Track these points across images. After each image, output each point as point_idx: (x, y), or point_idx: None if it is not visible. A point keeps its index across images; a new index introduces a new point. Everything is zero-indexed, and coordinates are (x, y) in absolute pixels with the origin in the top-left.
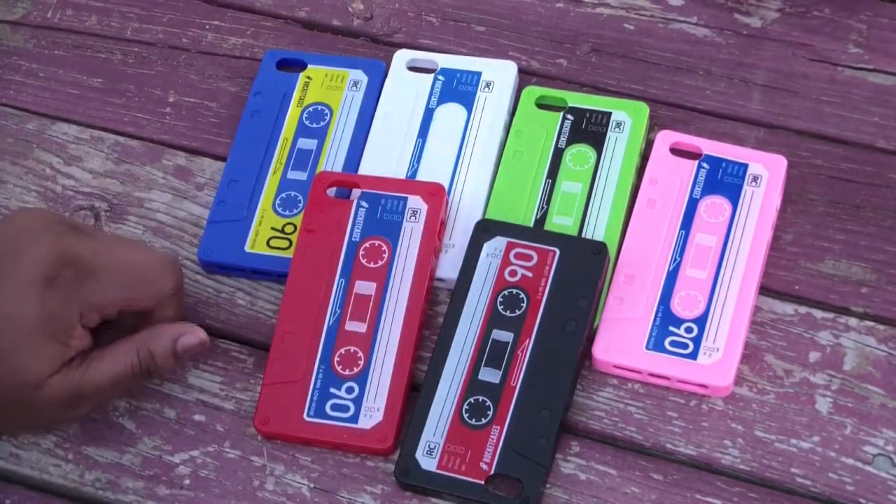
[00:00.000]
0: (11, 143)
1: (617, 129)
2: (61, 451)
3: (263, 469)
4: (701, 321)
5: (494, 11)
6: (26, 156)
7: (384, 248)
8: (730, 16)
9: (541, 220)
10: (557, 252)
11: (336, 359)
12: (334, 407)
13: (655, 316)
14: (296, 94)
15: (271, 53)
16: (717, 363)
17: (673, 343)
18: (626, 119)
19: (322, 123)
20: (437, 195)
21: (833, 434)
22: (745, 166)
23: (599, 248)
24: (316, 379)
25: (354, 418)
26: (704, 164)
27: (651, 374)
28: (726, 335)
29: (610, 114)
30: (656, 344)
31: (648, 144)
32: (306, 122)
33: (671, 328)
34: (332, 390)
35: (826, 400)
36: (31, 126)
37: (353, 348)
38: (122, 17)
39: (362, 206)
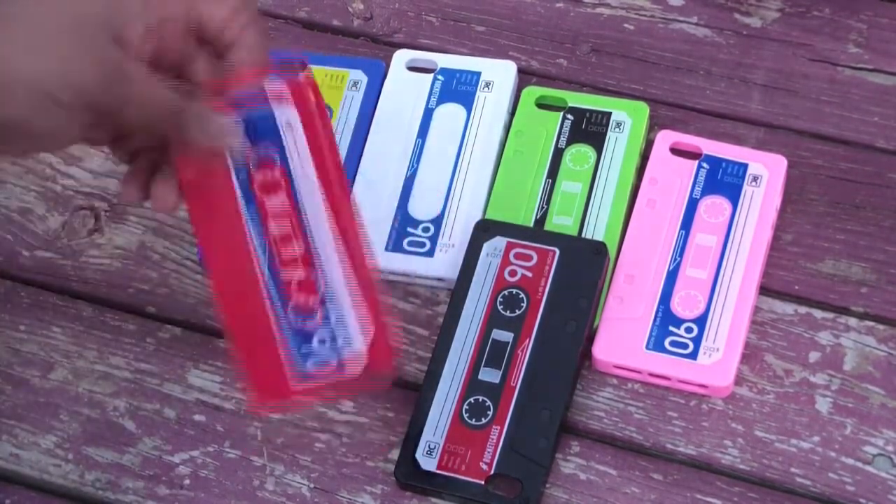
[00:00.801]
0: None
1: (617, 129)
2: (61, 451)
3: (263, 469)
4: (701, 321)
5: (494, 11)
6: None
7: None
8: (730, 16)
9: (541, 220)
10: (557, 252)
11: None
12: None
13: (655, 316)
14: None
15: (271, 53)
16: (717, 363)
17: (673, 343)
18: (626, 119)
19: None
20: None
21: (833, 434)
22: (745, 166)
23: (599, 248)
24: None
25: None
26: (704, 164)
27: (651, 374)
28: (726, 335)
29: (610, 114)
30: (656, 344)
31: (648, 144)
32: None
33: (671, 328)
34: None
35: (826, 400)
36: None
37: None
38: None
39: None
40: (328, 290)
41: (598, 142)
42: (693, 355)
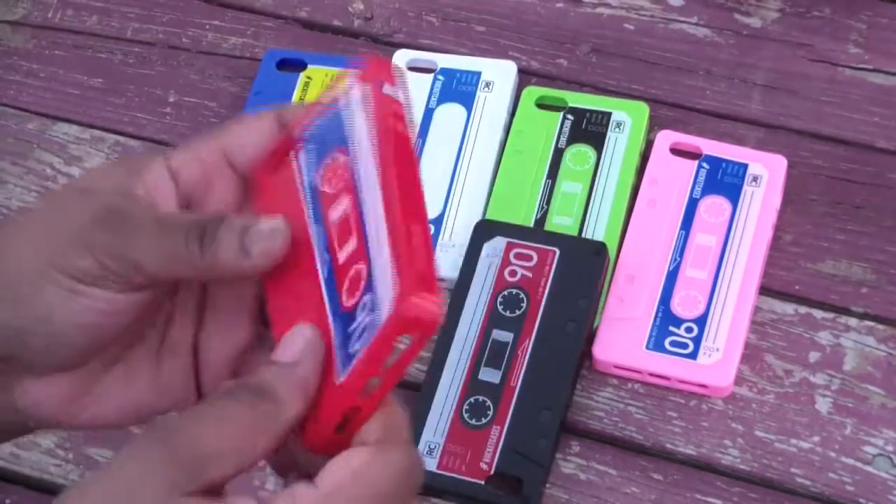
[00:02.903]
0: (12, 143)
1: (617, 129)
2: (61, 451)
3: (264, 469)
4: (701, 321)
5: (494, 11)
6: (27, 156)
7: None
8: (730, 16)
9: (541, 220)
10: (557, 252)
11: None
12: None
13: (655, 316)
14: (296, 95)
15: (271, 53)
16: (717, 363)
17: (673, 343)
18: (626, 119)
19: None
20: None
21: (833, 434)
22: (745, 166)
23: (599, 249)
24: None
25: None
26: (704, 164)
27: (651, 374)
28: (726, 335)
29: (610, 114)
30: (656, 344)
31: (648, 144)
32: None
33: (671, 328)
34: None
35: (826, 400)
36: (31, 126)
37: None
38: (123, 17)
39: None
40: (371, 258)
41: (598, 142)
42: (693, 355)
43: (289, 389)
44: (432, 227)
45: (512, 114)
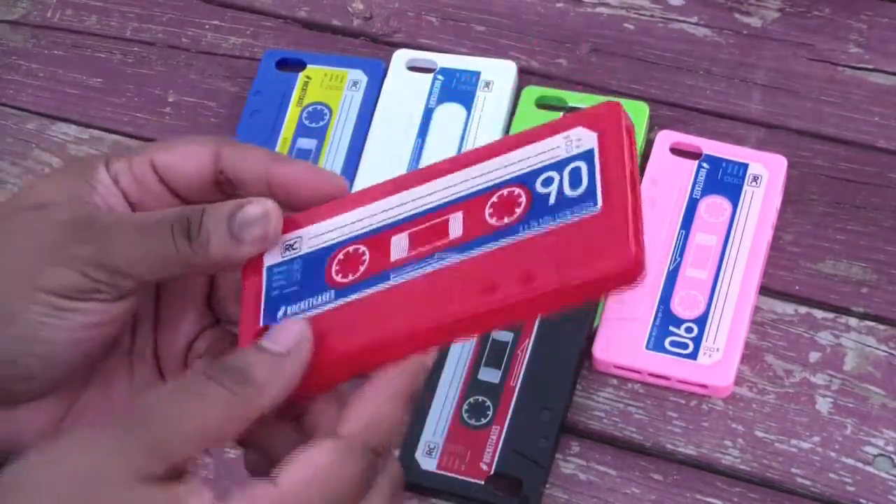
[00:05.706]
0: (11, 143)
1: None
2: None
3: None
4: (701, 321)
5: (494, 11)
6: (26, 156)
7: None
8: (730, 16)
9: None
10: None
11: None
12: None
13: (655, 316)
14: (295, 94)
15: (271, 53)
16: (717, 363)
17: (673, 343)
18: None
19: (321, 123)
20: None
21: (833, 434)
22: (745, 166)
23: None
24: None
25: None
26: (704, 164)
27: (651, 374)
28: (726, 335)
29: None
30: (656, 344)
31: (648, 144)
32: (306, 122)
33: (671, 328)
34: None
35: (826, 400)
36: (30, 126)
37: None
38: (122, 17)
39: None
40: None
41: None
42: (693, 355)
43: (272, 378)
44: None
45: (512, 113)
